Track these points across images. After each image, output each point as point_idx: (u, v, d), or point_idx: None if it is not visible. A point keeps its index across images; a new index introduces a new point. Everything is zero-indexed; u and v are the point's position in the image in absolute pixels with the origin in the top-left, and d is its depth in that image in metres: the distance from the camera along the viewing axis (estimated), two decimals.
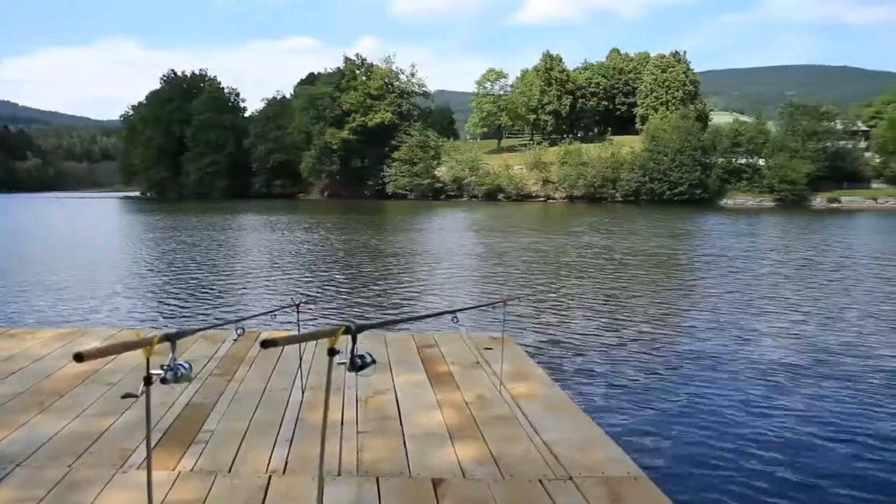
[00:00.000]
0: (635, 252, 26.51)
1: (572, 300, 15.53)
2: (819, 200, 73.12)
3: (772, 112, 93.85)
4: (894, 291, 17.43)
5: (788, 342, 11.33)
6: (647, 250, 27.24)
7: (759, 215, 55.83)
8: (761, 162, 76.28)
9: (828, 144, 76.27)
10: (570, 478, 4.09)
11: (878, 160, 79.57)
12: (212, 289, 17.00)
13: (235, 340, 7.31)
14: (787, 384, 8.83)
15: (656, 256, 25.21)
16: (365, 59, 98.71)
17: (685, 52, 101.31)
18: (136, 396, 5.40)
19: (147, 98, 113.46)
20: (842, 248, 28.73)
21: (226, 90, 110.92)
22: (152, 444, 4.41)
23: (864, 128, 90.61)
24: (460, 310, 4.79)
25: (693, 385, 8.79)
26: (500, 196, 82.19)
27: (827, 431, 7.13)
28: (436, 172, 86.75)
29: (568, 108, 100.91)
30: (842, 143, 78.64)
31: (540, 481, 4.05)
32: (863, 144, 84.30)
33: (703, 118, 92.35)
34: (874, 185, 77.05)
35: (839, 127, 79.95)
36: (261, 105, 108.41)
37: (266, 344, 2.63)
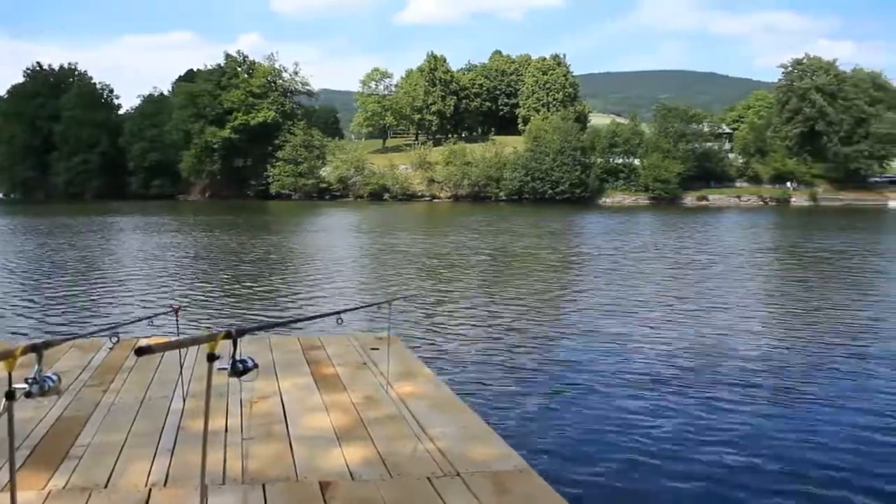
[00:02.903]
0: (516, 250, 27.17)
1: (457, 299, 15.73)
2: (689, 198, 77.31)
3: (646, 114, 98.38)
4: (757, 285, 18.66)
5: (662, 336, 11.92)
6: (527, 249, 27.96)
7: (635, 213, 58.35)
8: (637, 162, 79.75)
9: (696, 146, 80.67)
10: (458, 474, 4.16)
11: (740, 161, 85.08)
12: (84, 295, 16.16)
13: (111, 349, 6.98)
14: (661, 377, 9.28)
15: (537, 255, 25.91)
16: (247, 57, 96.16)
17: (565, 56, 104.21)
18: None
19: (8, 92, 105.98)
20: (707, 244, 30.48)
21: (98, 86, 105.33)
22: (18, 463, 4.16)
23: (727, 130, 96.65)
24: (345, 310, 4.78)
25: (574, 379, 9.11)
26: (386, 196, 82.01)
27: (698, 424, 7.55)
28: (321, 172, 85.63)
29: (452, 108, 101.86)
30: (709, 144, 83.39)
31: (428, 479, 4.09)
32: (727, 146, 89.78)
33: (582, 119, 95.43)
34: (738, 184, 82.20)
35: (706, 129, 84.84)
36: (136, 102, 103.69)
37: (141, 351, 2.51)
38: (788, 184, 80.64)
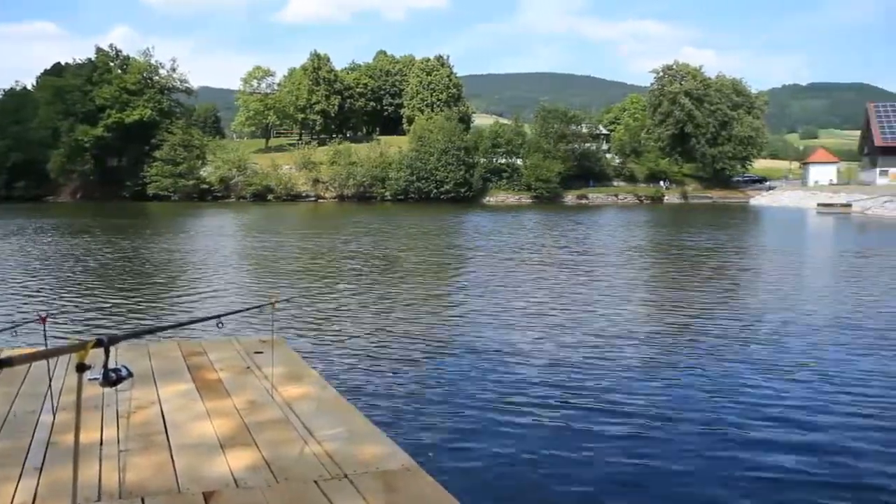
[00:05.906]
0: (399, 250, 27.27)
1: (342, 299, 15.62)
2: (570, 197, 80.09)
3: (527, 115, 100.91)
4: (628, 283, 19.51)
5: (546, 329, 12.25)
6: (411, 248, 28.15)
7: (518, 211, 59.73)
8: (519, 162, 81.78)
9: (576, 146, 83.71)
10: (346, 475, 4.14)
11: (617, 161, 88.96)
12: None
13: None
14: (548, 371, 9.54)
15: (420, 254, 26.11)
16: (120, 51, 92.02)
17: (448, 57, 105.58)
18: None
19: None
20: (585, 242, 31.62)
21: None
22: None
23: (605, 132, 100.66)
24: (226, 314, 4.64)
25: (459, 376, 9.24)
26: (270, 196, 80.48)
27: (589, 416, 7.81)
28: (201, 172, 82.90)
29: (336, 107, 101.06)
30: (588, 145, 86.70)
31: (315, 482, 4.05)
32: (605, 147, 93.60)
33: (465, 120, 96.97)
34: (615, 183, 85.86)
35: (585, 130, 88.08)
36: None
37: (0, 364, 2.35)
38: (662, 183, 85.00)
